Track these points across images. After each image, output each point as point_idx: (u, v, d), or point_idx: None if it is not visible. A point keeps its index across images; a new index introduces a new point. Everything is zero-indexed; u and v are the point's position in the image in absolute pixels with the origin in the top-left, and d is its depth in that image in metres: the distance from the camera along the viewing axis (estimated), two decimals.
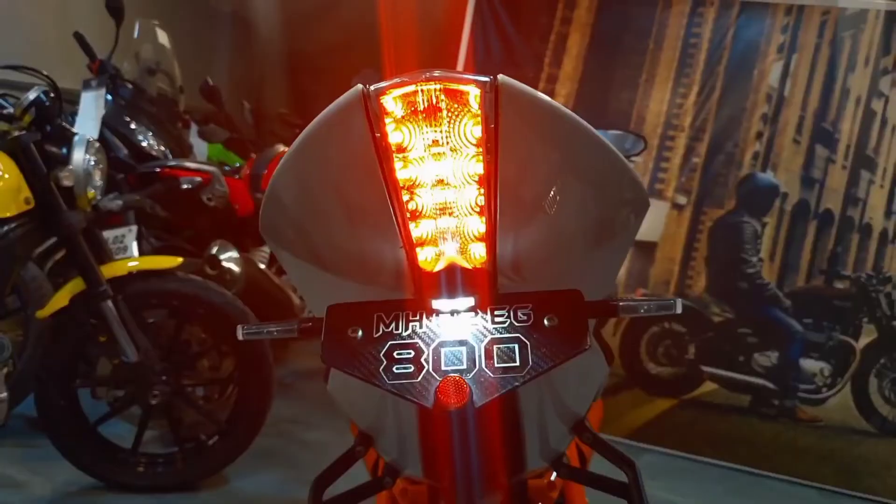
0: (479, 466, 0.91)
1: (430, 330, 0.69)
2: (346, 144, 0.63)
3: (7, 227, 2.12)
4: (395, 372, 0.67)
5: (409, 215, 0.63)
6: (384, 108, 0.61)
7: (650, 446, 3.20)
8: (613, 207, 0.72)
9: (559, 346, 0.67)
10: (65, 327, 2.32)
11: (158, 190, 2.98)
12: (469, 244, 0.64)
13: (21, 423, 2.76)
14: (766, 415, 3.09)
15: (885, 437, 2.91)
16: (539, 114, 0.62)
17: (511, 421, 0.91)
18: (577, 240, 0.70)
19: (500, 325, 0.68)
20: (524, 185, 0.63)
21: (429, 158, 0.62)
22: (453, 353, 0.67)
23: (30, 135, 2.18)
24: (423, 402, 0.66)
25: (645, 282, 3.32)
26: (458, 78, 0.60)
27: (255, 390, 2.47)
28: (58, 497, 2.39)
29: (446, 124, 0.61)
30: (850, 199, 3.08)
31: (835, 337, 3.02)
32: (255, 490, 2.52)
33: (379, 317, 0.71)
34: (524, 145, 0.62)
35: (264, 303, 3.13)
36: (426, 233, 0.64)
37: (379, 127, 0.61)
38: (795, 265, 3.12)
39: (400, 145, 0.61)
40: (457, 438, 0.82)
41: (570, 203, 0.66)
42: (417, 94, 0.61)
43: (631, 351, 3.30)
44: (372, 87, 0.61)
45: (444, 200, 0.62)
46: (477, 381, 0.66)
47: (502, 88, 0.59)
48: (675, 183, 3.30)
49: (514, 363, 0.67)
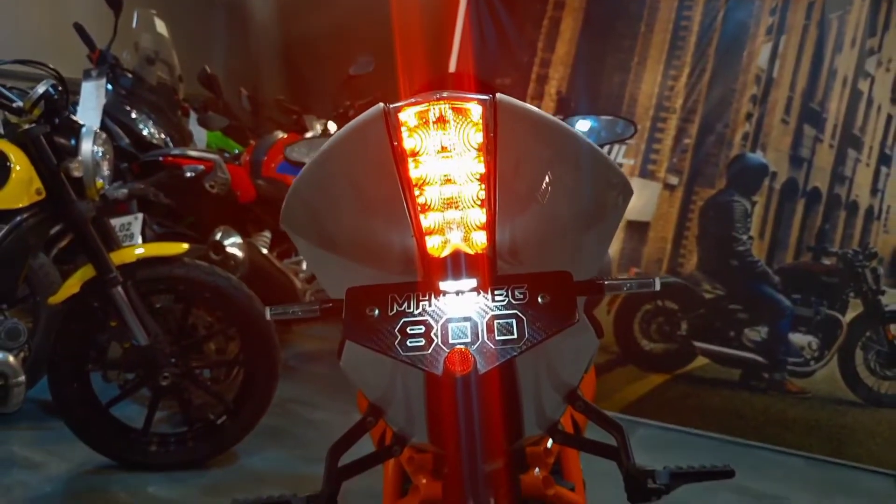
0: (481, 433, 0.99)
1: (438, 308, 0.77)
2: (367, 150, 0.71)
3: (20, 217, 2.18)
4: (409, 345, 0.76)
5: (419, 209, 0.71)
6: (400, 120, 0.70)
7: (644, 420, 3.30)
8: (598, 198, 0.81)
9: (551, 320, 0.76)
10: (76, 313, 2.39)
11: (162, 178, 3.05)
12: (471, 233, 0.72)
13: (35, 406, 2.84)
14: (755, 388, 3.19)
15: (870, 407, 3.00)
16: (531, 122, 0.70)
17: (510, 391, 0.99)
18: (567, 227, 0.79)
19: (500, 302, 0.77)
20: (519, 182, 0.71)
21: (437, 160, 0.70)
22: (459, 328, 0.76)
23: (39, 127, 2.24)
24: (434, 371, 0.75)
25: (638, 261, 3.40)
26: (464, 97, 0.68)
27: (262, 371, 2.55)
28: (74, 476, 2.48)
29: (453, 132, 0.69)
30: (837, 177, 3.16)
31: (822, 311, 3.11)
32: (263, 467, 2.60)
33: (393, 297, 0.79)
34: (518, 148, 0.71)
35: (267, 286, 3.21)
36: (434, 223, 0.72)
37: (396, 136, 0.69)
38: (784, 242, 3.20)
39: (413, 150, 0.69)
40: (461, 406, 0.90)
41: (559, 196, 0.75)
42: (429, 110, 0.69)
43: (625, 328, 3.39)
44: (391, 105, 0.69)
45: (450, 195, 0.70)
46: (480, 352, 0.75)
47: (500, 104, 0.67)
48: (666, 164, 3.38)
49: (512, 336, 0.75)
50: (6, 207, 2.16)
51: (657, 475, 1.02)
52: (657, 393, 3.33)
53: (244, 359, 2.59)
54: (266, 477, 2.53)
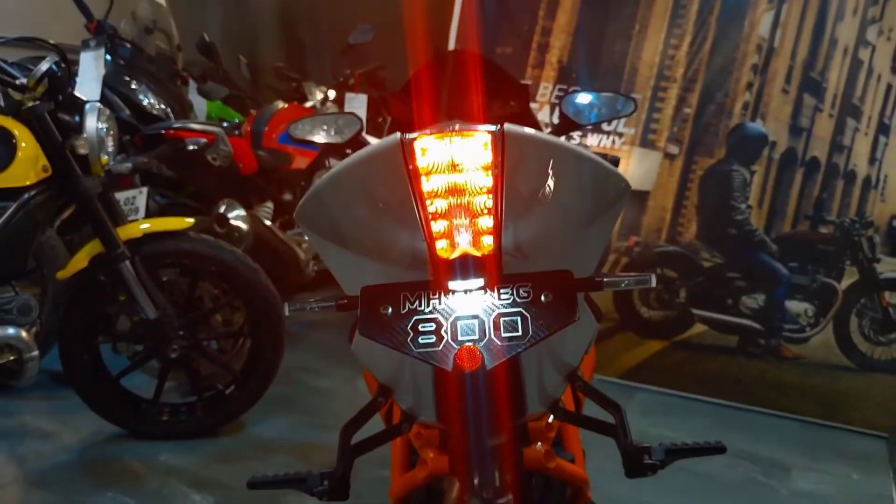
0: (486, 413, 1.04)
1: (447, 306, 0.82)
2: (384, 169, 0.75)
3: (28, 194, 2.21)
4: (421, 342, 0.80)
5: (430, 217, 0.75)
6: (415, 148, 0.73)
7: (643, 385, 3.37)
8: (596, 200, 0.85)
9: (553, 317, 0.80)
10: (85, 287, 2.43)
11: (165, 151, 3.06)
12: (479, 237, 0.76)
13: (45, 377, 2.88)
14: (752, 354, 3.25)
15: (864, 372, 3.07)
16: (534, 144, 0.73)
17: (514, 374, 1.03)
18: (567, 227, 0.83)
19: (505, 301, 0.81)
20: (522, 190, 0.76)
21: (448, 175, 0.73)
22: (468, 325, 0.80)
23: (44, 104, 2.25)
24: (445, 366, 0.80)
25: (638, 230, 3.44)
26: (474, 129, 0.72)
27: (268, 342, 2.60)
28: (87, 446, 2.54)
29: (463, 151, 0.73)
30: (836, 146, 3.18)
31: (818, 279, 3.16)
32: (271, 435, 2.67)
33: (405, 296, 0.83)
34: (522, 165, 0.75)
35: (271, 257, 3.25)
36: (443, 228, 0.76)
37: (411, 160, 0.73)
38: (782, 211, 3.24)
39: (426, 168, 0.73)
40: (469, 392, 0.95)
41: (559, 202, 0.79)
42: (443, 140, 0.73)
43: (624, 296, 3.44)
44: (407, 136, 0.73)
45: (459, 204, 0.74)
46: (487, 349, 0.79)
47: (508, 135, 0.71)
48: (667, 133, 3.40)
49: (517, 333, 0.80)
50: (14, 185, 2.19)
51: (653, 451, 1.07)
52: (656, 359, 3.39)
53: (250, 330, 2.64)
54: (274, 444, 2.60)
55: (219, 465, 2.43)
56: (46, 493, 2.23)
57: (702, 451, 1.08)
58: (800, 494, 2.45)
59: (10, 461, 2.42)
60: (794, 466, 2.66)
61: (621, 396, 0.91)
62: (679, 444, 1.08)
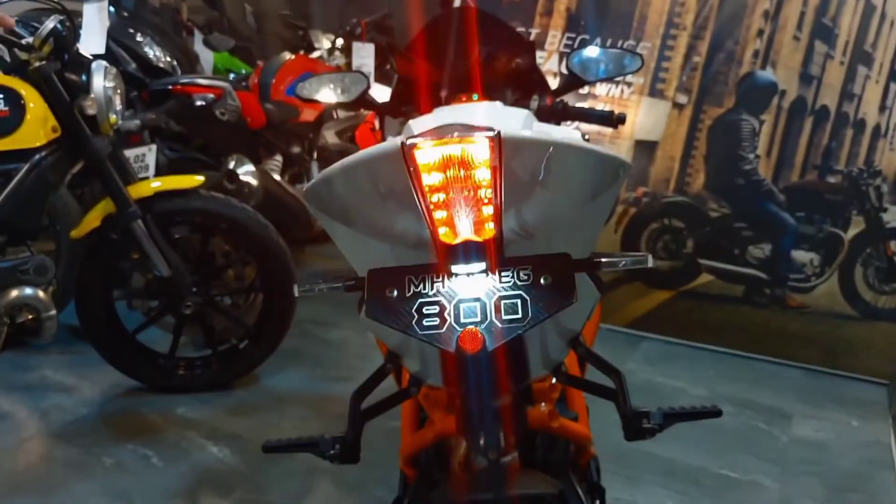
0: (491, 378, 1.08)
1: (451, 289, 0.85)
2: (386, 167, 0.77)
3: (39, 155, 2.23)
4: (425, 325, 0.84)
5: (432, 207, 0.77)
6: (415, 155, 0.76)
7: (649, 334, 3.42)
8: (595, 186, 0.86)
9: (552, 300, 0.83)
10: (98, 246, 2.47)
11: (172, 107, 3.07)
12: (480, 224, 0.79)
13: (62, 331, 2.95)
14: (757, 303, 3.28)
15: (867, 320, 3.10)
16: (531, 144, 0.75)
17: (517, 341, 1.07)
18: (566, 212, 0.85)
19: (506, 283, 0.84)
20: (522, 183, 0.78)
21: (451, 167, 0.76)
22: (470, 307, 0.84)
23: (51, 65, 2.25)
24: (448, 348, 0.83)
25: (646, 180, 3.44)
26: (472, 136, 0.74)
27: (279, 297, 2.65)
28: (106, 399, 2.62)
29: (462, 149, 0.75)
30: (847, 94, 3.15)
31: (825, 229, 3.17)
32: (285, 387, 2.74)
33: (410, 279, 0.86)
34: (521, 164, 0.77)
35: (281, 211, 3.28)
36: (445, 216, 0.78)
37: (412, 162, 0.75)
38: (790, 161, 3.23)
39: (427, 165, 0.75)
40: (472, 363, 0.98)
41: (559, 191, 0.81)
42: (442, 145, 0.74)
43: (632, 246, 3.46)
44: (408, 141, 0.75)
45: (460, 194, 0.76)
46: (489, 331, 0.83)
47: (505, 139, 0.73)
48: (676, 82, 3.37)
49: (518, 315, 0.83)
50: (25, 147, 2.20)
51: (651, 416, 1.10)
52: (662, 308, 3.43)
53: (262, 285, 2.69)
54: (287, 396, 2.67)
55: (234, 418, 2.50)
56: (69, 446, 2.31)
57: (699, 415, 1.12)
58: (799, 441, 2.51)
59: (34, 415, 2.50)
60: (795, 414, 2.72)
61: (628, 345, 0.95)
62: (677, 409, 1.12)
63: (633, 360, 3.14)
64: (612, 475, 1.08)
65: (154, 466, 2.22)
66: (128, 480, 2.14)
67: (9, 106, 2.18)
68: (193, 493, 2.09)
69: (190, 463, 2.24)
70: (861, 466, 2.37)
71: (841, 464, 2.38)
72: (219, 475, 2.18)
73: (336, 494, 2.08)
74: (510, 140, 0.74)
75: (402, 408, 1.39)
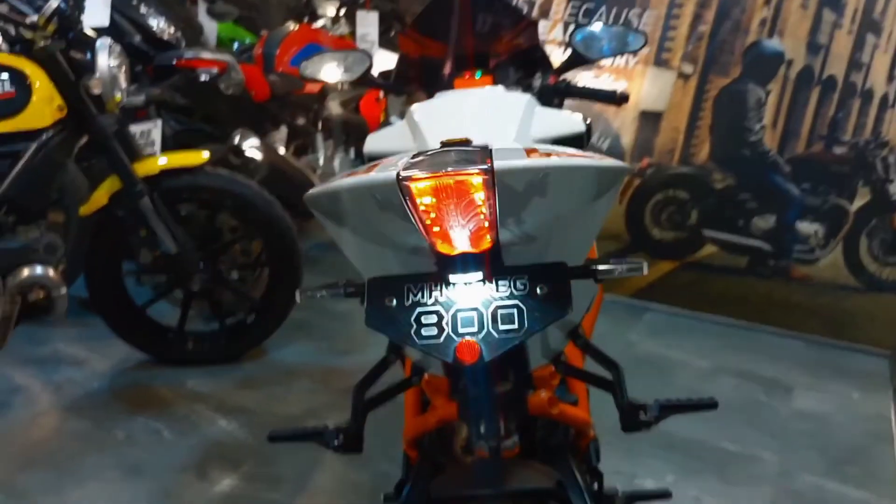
0: (491, 370, 1.10)
1: (449, 298, 0.86)
2: (382, 191, 0.78)
3: (46, 135, 2.24)
4: (423, 334, 0.86)
5: (429, 223, 0.78)
6: (411, 187, 0.77)
7: (652, 304, 3.44)
8: (592, 195, 0.88)
9: (548, 310, 0.85)
10: (107, 223, 2.50)
11: (177, 81, 3.07)
12: (477, 236, 0.80)
13: (74, 303, 2.98)
14: (761, 274, 3.30)
15: (871, 292, 3.11)
16: (525, 172, 0.76)
17: None
18: (564, 221, 0.86)
19: (503, 293, 0.86)
20: (519, 202, 0.79)
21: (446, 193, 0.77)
22: (467, 317, 0.85)
23: (56, 43, 2.25)
24: (445, 359, 0.85)
25: (650, 151, 3.44)
26: (466, 171, 0.75)
27: (285, 272, 2.68)
28: (117, 372, 2.67)
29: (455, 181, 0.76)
30: (854, 64, 3.13)
31: (830, 200, 3.16)
32: (293, 360, 2.78)
33: (409, 287, 0.88)
34: (516, 188, 0.78)
35: (287, 185, 3.29)
36: (443, 229, 0.79)
37: (408, 192, 0.77)
38: (796, 132, 3.21)
39: (422, 190, 0.76)
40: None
41: (555, 205, 0.82)
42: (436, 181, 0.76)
43: (636, 217, 3.47)
44: (402, 175, 0.76)
45: (457, 211, 0.77)
46: (486, 341, 0.84)
47: (498, 171, 0.74)
48: (681, 52, 3.34)
49: (514, 325, 0.85)
50: (32, 127, 2.22)
51: (648, 408, 1.13)
52: (666, 279, 3.45)
53: (268, 260, 2.72)
54: (295, 369, 2.71)
55: (242, 391, 2.55)
56: (81, 419, 2.36)
57: (695, 407, 1.14)
58: (800, 414, 2.55)
59: (47, 389, 2.56)
60: (797, 385, 2.75)
61: (631, 315, 0.97)
62: (673, 401, 1.14)
63: (636, 332, 3.17)
64: (611, 448, 1.11)
65: (165, 440, 2.27)
66: (139, 454, 2.20)
67: (15, 86, 2.19)
68: (203, 466, 2.14)
69: (199, 436, 2.29)
70: (861, 439, 2.41)
71: (841, 437, 2.42)
72: (227, 448, 2.23)
73: (342, 468, 2.13)
74: (504, 171, 0.75)
75: (405, 395, 1.42)
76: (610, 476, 2.06)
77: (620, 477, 2.10)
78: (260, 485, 2.05)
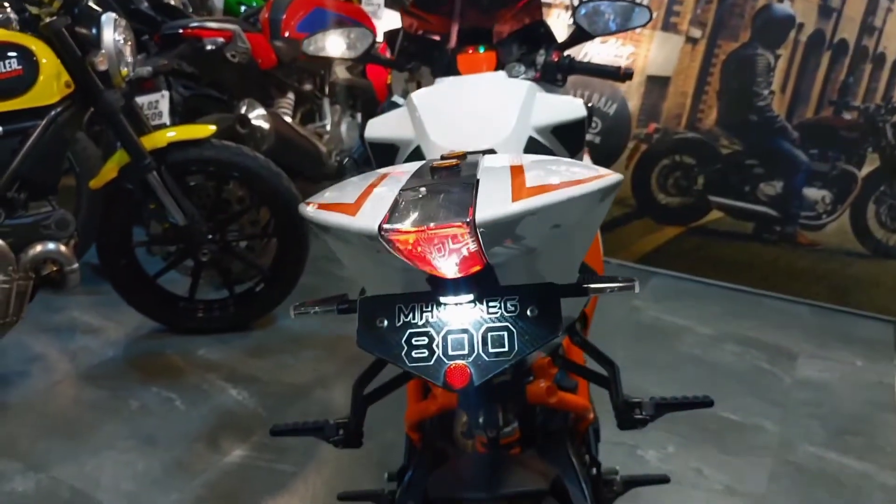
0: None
1: (439, 319, 0.88)
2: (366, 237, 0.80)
3: (55, 111, 2.25)
4: (414, 356, 0.87)
5: (416, 260, 0.80)
6: (393, 238, 0.78)
7: (658, 270, 3.47)
8: (582, 216, 0.88)
9: (538, 333, 0.86)
10: (116, 196, 2.53)
11: (184, 51, 3.06)
12: (466, 264, 0.81)
13: (88, 271, 3.04)
14: (767, 240, 3.30)
15: (878, 258, 3.12)
16: (508, 220, 0.77)
17: None
18: (553, 244, 0.87)
19: (494, 314, 0.87)
20: (504, 237, 0.80)
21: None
22: (457, 339, 0.87)
23: (61, 19, 2.25)
24: (436, 382, 0.87)
25: (657, 116, 3.42)
26: (448, 225, 0.76)
27: (293, 241, 2.71)
28: (131, 341, 2.73)
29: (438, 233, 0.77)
30: (867, 27, 3.08)
31: (838, 166, 3.15)
32: (301, 328, 2.83)
33: (400, 308, 0.90)
34: (504, 233, 0.79)
35: (294, 153, 3.31)
36: (432, 257, 0.80)
37: (391, 244, 0.78)
38: (806, 97, 3.19)
39: (404, 241, 0.77)
40: None
41: (545, 231, 0.83)
42: (417, 236, 0.77)
43: (642, 183, 3.47)
44: (385, 228, 0.77)
45: (443, 244, 0.78)
46: (476, 364, 0.86)
47: (480, 224, 0.75)
48: (690, 16, 3.30)
49: (504, 349, 0.86)
50: (40, 104, 2.23)
51: (643, 406, 1.15)
52: (672, 245, 3.47)
53: (276, 230, 2.75)
54: (303, 338, 2.76)
55: (252, 360, 2.61)
56: (97, 388, 2.43)
57: (691, 405, 1.16)
58: (803, 382, 2.58)
59: (63, 357, 2.62)
60: (801, 353, 2.78)
61: (637, 280, 0.98)
62: (668, 399, 1.16)
63: (641, 297, 3.20)
64: (613, 419, 1.14)
65: (177, 409, 2.34)
66: (153, 423, 2.26)
67: (23, 64, 2.20)
68: (215, 435, 2.20)
69: (210, 405, 2.35)
70: (863, 408, 2.44)
71: (843, 406, 2.45)
72: (238, 418, 2.29)
73: None
74: (486, 224, 0.75)
75: (407, 385, 1.45)
76: (611, 447, 2.12)
77: (622, 448, 2.15)
78: (269, 455, 2.11)
